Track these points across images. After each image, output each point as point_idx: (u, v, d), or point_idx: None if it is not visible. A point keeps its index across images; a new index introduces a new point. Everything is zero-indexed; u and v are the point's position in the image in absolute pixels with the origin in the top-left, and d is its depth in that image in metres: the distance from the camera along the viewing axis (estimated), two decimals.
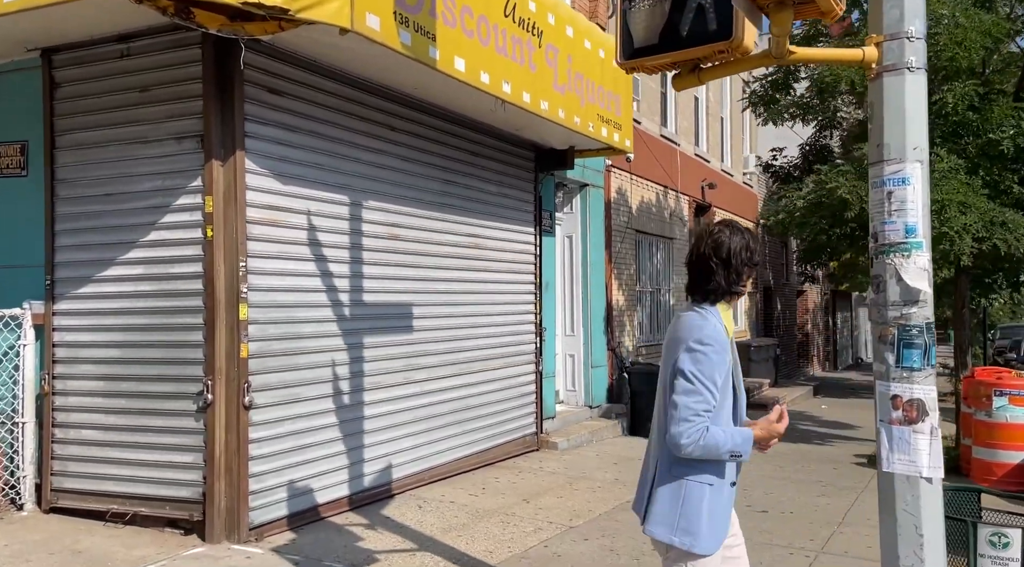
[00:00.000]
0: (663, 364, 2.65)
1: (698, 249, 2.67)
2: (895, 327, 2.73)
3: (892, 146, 2.77)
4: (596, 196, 10.51)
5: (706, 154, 15.25)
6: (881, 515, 2.80)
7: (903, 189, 2.74)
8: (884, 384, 2.76)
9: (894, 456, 2.72)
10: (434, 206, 7.08)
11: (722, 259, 2.60)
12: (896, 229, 2.74)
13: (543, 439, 8.69)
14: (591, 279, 10.27)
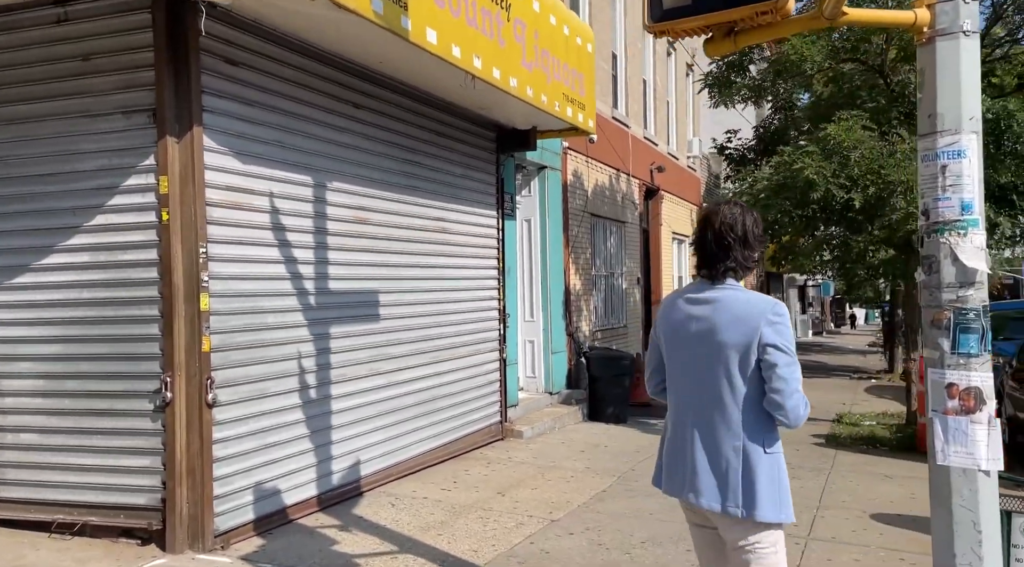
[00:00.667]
0: (706, 346, 2.57)
1: (713, 227, 2.64)
2: (951, 311, 2.57)
3: (946, 116, 2.60)
4: (554, 179, 10.28)
5: (654, 137, 15.19)
6: (934, 510, 2.65)
7: (958, 163, 2.57)
8: (938, 372, 2.60)
9: (950, 448, 2.57)
10: (400, 188, 6.72)
11: (739, 236, 2.60)
12: (951, 206, 2.58)
13: (508, 428, 8.46)
14: (550, 263, 10.06)
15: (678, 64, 17.41)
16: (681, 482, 2.66)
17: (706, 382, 2.57)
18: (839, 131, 7.91)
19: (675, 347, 2.68)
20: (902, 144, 7.93)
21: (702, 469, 2.57)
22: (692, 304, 2.66)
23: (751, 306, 2.54)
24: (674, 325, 2.69)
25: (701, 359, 2.58)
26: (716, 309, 2.58)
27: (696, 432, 2.60)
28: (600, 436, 8.97)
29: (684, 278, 17.79)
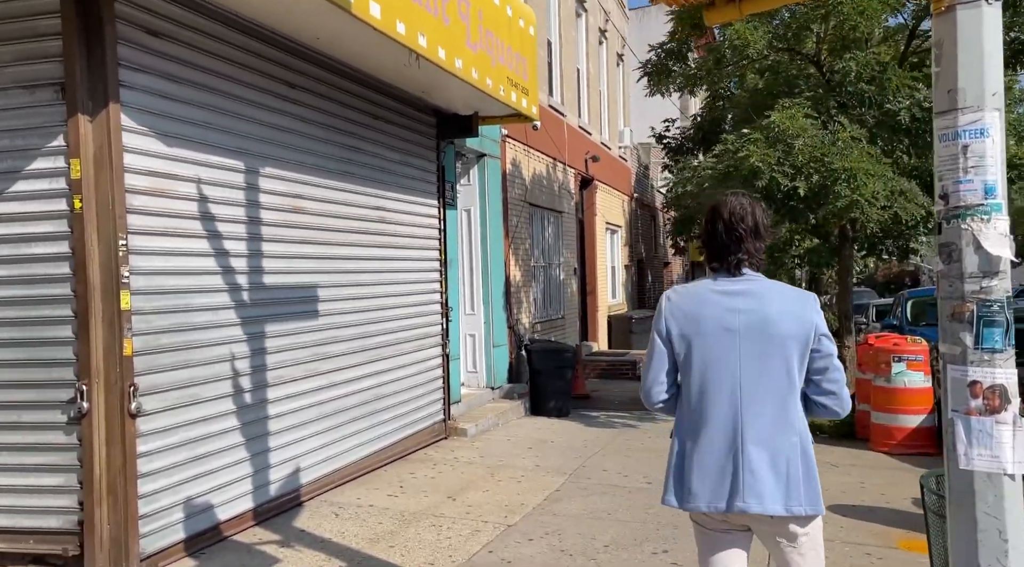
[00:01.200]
0: (761, 338, 2.47)
1: (723, 218, 2.57)
2: (973, 302, 2.39)
3: (968, 92, 2.40)
4: (493, 167, 9.96)
5: (588, 127, 15.04)
6: (953, 518, 2.47)
7: (981, 142, 2.38)
8: (959, 369, 2.41)
9: (973, 451, 2.38)
10: (337, 175, 6.29)
11: (750, 227, 2.55)
12: (974, 189, 2.39)
13: (451, 426, 8.13)
14: (491, 254, 9.75)
15: (609, 54, 17.30)
16: (725, 491, 2.46)
17: (760, 377, 2.45)
18: (783, 119, 7.85)
19: (713, 343, 2.49)
20: (843, 132, 7.93)
21: (760, 471, 2.42)
22: (730, 297, 2.51)
23: (797, 296, 2.53)
24: (710, 320, 2.50)
25: (754, 353, 2.46)
26: (763, 301, 2.49)
27: (747, 432, 2.45)
28: (545, 431, 8.74)
29: (617, 269, 17.76)
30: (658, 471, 7.04)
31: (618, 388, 12.75)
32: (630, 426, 9.24)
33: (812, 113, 8.18)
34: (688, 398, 2.54)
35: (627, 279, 18.74)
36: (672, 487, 2.57)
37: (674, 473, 2.56)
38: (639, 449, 7.85)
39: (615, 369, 13.70)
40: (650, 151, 21.57)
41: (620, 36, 18.46)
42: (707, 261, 2.65)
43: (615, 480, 6.58)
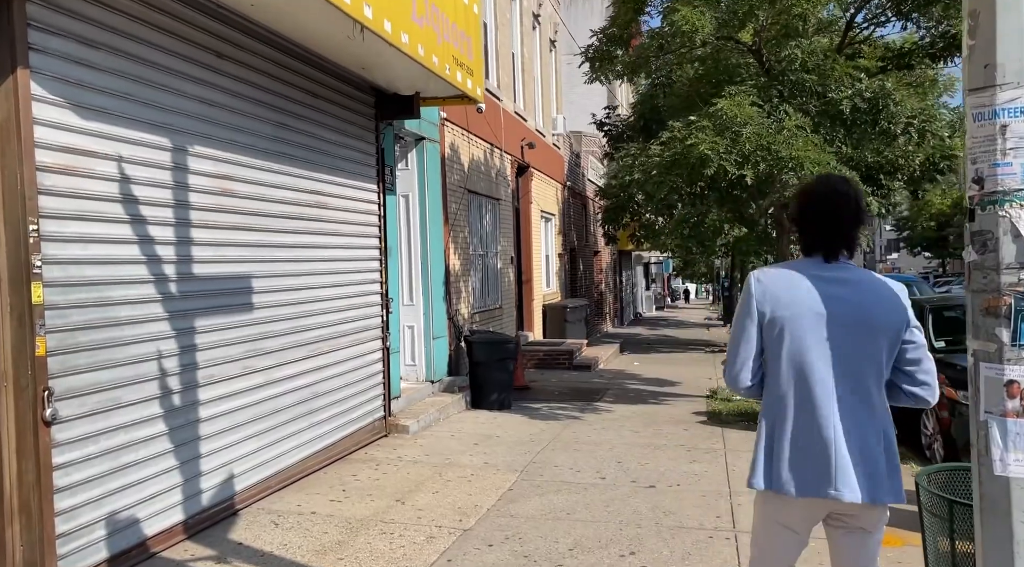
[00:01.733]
0: (857, 328, 2.45)
1: (843, 203, 2.54)
2: (1010, 295, 2.20)
3: (1007, 67, 2.20)
4: (432, 151, 9.57)
5: (524, 113, 14.76)
6: (983, 525, 2.29)
7: (1021, 121, 2.19)
8: (995, 367, 2.22)
9: (1010, 456, 2.20)
10: (270, 156, 5.82)
11: (856, 214, 2.55)
12: (1012, 173, 2.19)
13: (392, 422, 7.75)
14: (430, 242, 9.38)
15: (543, 39, 17.05)
16: (818, 478, 2.44)
17: (853, 365, 2.44)
18: (730, 106, 7.74)
19: (808, 329, 2.45)
20: (789, 121, 7.88)
21: (855, 461, 2.42)
22: (827, 283, 2.48)
23: (890, 287, 2.50)
24: (806, 305, 2.46)
25: (848, 341, 2.44)
26: (860, 290, 2.47)
27: (842, 421, 2.43)
28: (490, 425, 8.45)
29: (551, 257, 17.60)
30: (609, 465, 6.88)
31: (556, 378, 12.59)
32: (575, 418, 9.06)
33: (758, 101, 8.11)
34: (778, 382, 2.49)
35: (561, 268, 18.60)
36: (761, 470, 2.52)
37: (764, 456, 2.52)
38: (587, 443, 7.65)
39: (552, 359, 13.53)
40: (582, 140, 21.48)
41: (553, 22, 18.23)
42: (803, 247, 2.61)
43: (568, 476, 6.35)
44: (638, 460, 6.94)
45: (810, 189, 2.59)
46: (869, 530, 2.51)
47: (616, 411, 9.60)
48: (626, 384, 12.21)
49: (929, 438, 7.23)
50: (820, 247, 2.53)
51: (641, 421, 8.91)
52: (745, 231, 16.67)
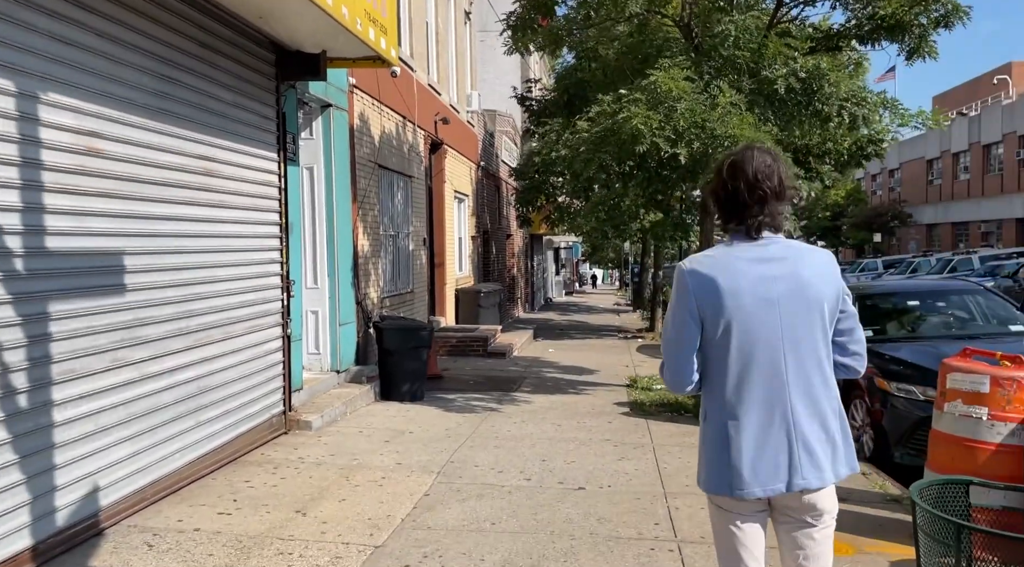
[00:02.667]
0: (800, 304, 2.33)
1: (747, 176, 2.35)
2: None
3: None
4: (340, 120, 8.76)
5: (438, 86, 14.01)
6: None
7: None
8: None
9: None
10: (151, 112, 4.96)
11: (774, 187, 2.35)
12: None
13: (292, 418, 6.99)
14: (337, 220, 8.59)
15: (457, 10, 16.31)
16: (782, 471, 2.29)
17: (804, 344, 2.33)
18: (665, 79, 7.29)
19: (754, 317, 2.29)
20: (723, 97, 7.49)
21: (814, 443, 2.30)
22: (762, 263, 2.32)
23: (822, 256, 2.41)
24: (748, 293, 2.29)
25: (797, 320, 2.32)
26: (796, 264, 2.34)
27: (796, 405, 2.31)
28: (401, 420, 7.80)
29: (464, 240, 16.96)
30: (533, 464, 6.35)
31: (470, 366, 12.01)
32: (492, 410, 8.50)
33: (692, 75, 7.69)
34: (725, 377, 2.32)
35: (474, 251, 17.99)
36: (717, 474, 2.33)
37: (718, 460, 2.33)
38: (508, 438, 7.11)
39: (465, 346, 12.95)
40: (496, 119, 20.87)
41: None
42: (723, 222, 2.44)
43: (490, 478, 5.79)
44: (564, 457, 6.44)
45: (730, 163, 2.39)
46: (815, 520, 2.37)
47: (535, 402, 9.10)
48: (543, 372, 11.75)
49: (858, 430, 7.02)
50: (742, 222, 2.35)
51: (562, 413, 8.44)
52: (661, 216, 16.49)
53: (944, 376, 4.56)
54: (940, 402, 4.58)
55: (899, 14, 8.66)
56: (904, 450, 6.40)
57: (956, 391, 4.44)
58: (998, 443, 4.25)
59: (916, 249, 47.21)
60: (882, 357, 6.90)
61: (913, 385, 6.50)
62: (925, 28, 8.80)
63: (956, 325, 7.97)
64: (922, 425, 6.37)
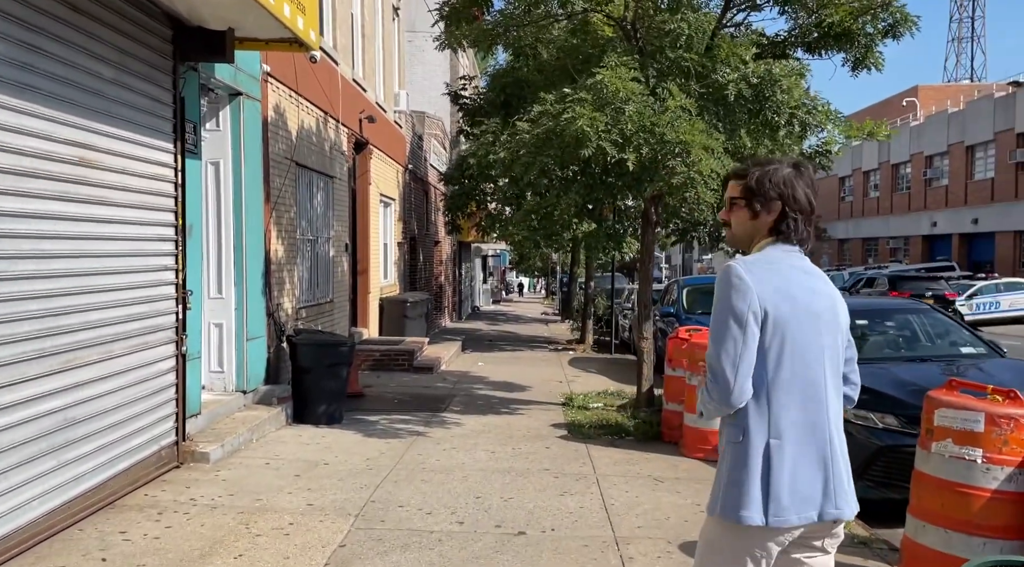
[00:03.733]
0: (834, 326, 2.27)
1: (804, 189, 2.32)
2: None
3: None
4: (252, 111, 7.87)
5: (363, 82, 13.17)
6: None
7: None
8: None
9: None
10: (7, 87, 4.05)
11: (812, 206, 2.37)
12: None
13: (187, 449, 6.08)
14: (247, 222, 7.69)
15: (385, 5, 15.48)
16: (817, 497, 2.17)
17: (835, 366, 2.27)
18: (612, 78, 6.70)
19: (805, 324, 2.20)
20: (673, 101, 6.96)
21: (845, 469, 2.22)
22: (808, 276, 2.29)
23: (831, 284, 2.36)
24: (801, 301, 2.21)
25: (833, 339, 2.26)
26: (828, 283, 2.32)
27: (834, 426, 2.22)
28: (315, 448, 6.96)
29: (390, 246, 16.11)
30: (466, 503, 5.56)
31: (395, 382, 11.19)
32: (419, 434, 7.74)
33: (640, 76, 7.14)
34: (773, 391, 2.18)
35: (400, 258, 17.15)
36: (754, 499, 2.14)
37: (755, 483, 2.15)
38: (437, 469, 6.37)
39: (390, 360, 12.13)
40: (424, 121, 20.09)
41: None
42: (786, 233, 2.30)
43: (417, 521, 5.04)
44: (500, 493, 5.74)
45: (799, 167, 2.34)
46: (828, 550, 2.29)
47: (466, 424, 8.38)
48: (473, 389, 11.04)
49: None
50: (805, 234, 2.31)
51: (496, 437, 7.75)
52: (594, 226, 16.03)
53: (931, 411, 4.06)
54: (926, 441, 4.08)
55: (846, 22, 8.35)
56: (864, 483, 5.95)
57: (946, 429, 3.94)
58: (994, 489, 3.77)
59: (828, 263, 48.69)
60: None
61: (870, 412, 6.07)
62: (872, 37, 8.51)
63: (905, 346, 7.64)
64: (881, 455, 5.97)
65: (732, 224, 2.38)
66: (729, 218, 2.38)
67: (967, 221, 38.16)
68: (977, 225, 37.48)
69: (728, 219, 2.39)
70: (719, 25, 8.45)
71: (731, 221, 2.37)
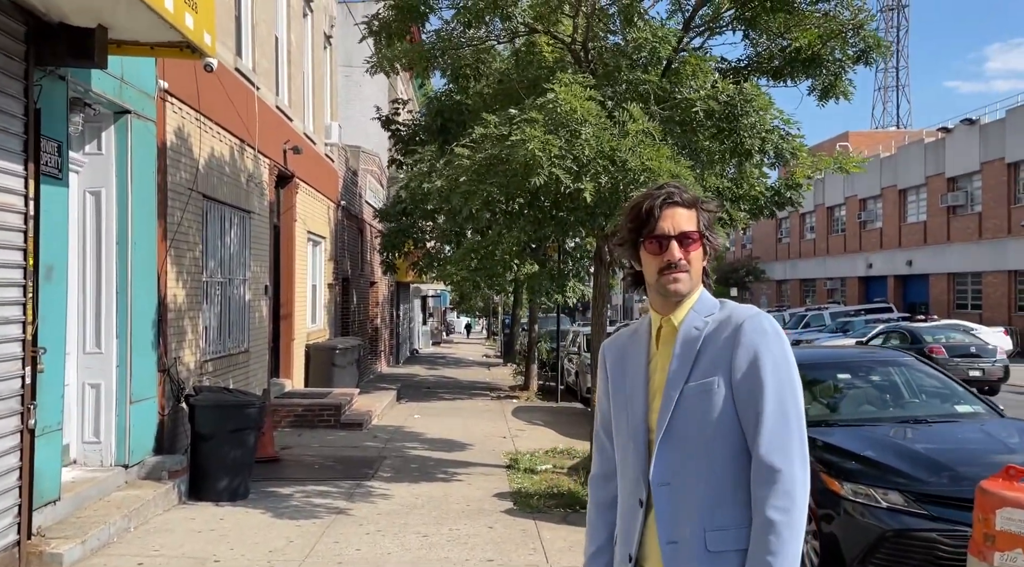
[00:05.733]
0: None
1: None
2: None
3: None
4: (144, 133, 6.71)
5: (289, 110, 12.08)
6: None
7: None
8: None
9: None
10: None
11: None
12: None
13: (34, 549, 4.79)
14: (134, 262, 6.47)
15: (316, 32, 14.49)
16: None
17: None
18: (567, 96, 5.79)
19: None
20: (634, 124, 6.08)
21: None
22: None
23: None
24: None
25: None
26: None
27: None
28: (209, 535, 5.71)
29: (319, 288, 14.87)
30: None
31: (319, 442, 9.93)
32: (339, 512, 6.55)
33: (596, 96, 6.26)
34: None
35: (331, 300, 15.89)
36: None
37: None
38: (358, 562, 5.20)
39: (314, 415, 10.85)
40: (360, 156, 19.02)
41: (329, 14, 15.74)
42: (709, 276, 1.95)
43: None
44: None
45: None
46: None
47: (396, 496, 7.22)
48: (407, 448, 9.85)
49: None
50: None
51: (430, 514, 6.61)
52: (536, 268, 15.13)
53: (988, 511, 3.14)
54: (983, 549, 3.16)
55: (815, 46, 7.68)
56: None
57: (1015, 537, 3.02)
58: None
59: (767, 304, 48.96)
60: (832, 449, 5.55)
61: (871, 487, 5.15)
62: (842, 64, 7.87)
63: (893, 404, 6.80)
64: (887, 542, 5.04)
65: (691, 265, 1.86)
66: (688, 258, 1.85)
67: (902, 263, 38.70)
68: (912, 267, 38.01)
69: (687, 259, 1.85)
70: (676, 49, 7.69)
71: (690, 261, 1.86)
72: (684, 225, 1.84)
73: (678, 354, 1.83)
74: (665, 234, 1.82)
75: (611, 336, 2.12)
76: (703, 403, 1.77)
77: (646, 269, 1.89)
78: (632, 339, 1.99)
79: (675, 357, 1.83)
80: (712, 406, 1.76)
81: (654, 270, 1.86)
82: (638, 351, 1.93)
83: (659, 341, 1.91)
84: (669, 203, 1.84)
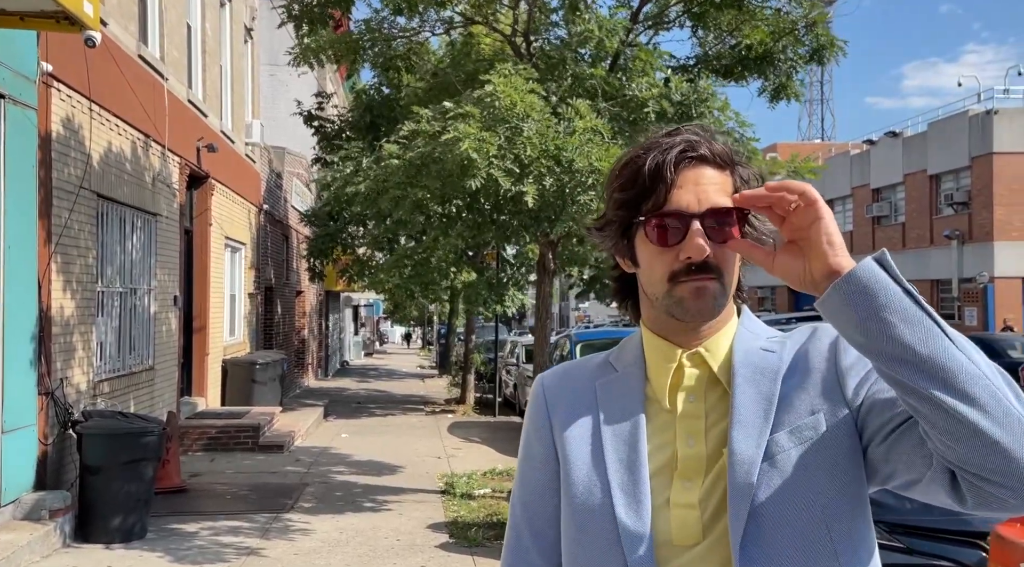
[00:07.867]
0: None
1: None
2: None
3: None
4: (21, 122, 5.83)
5: (203, 105, 11.17)
6: None
7: None
8: None
9: None
10: None
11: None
12: None
13: None
14: (7, 270, 5.58)
15: (235, 23, 13.57)
16: None
17: None
18: (506, 88, 5.21)
19: None
20: (581, 121, 5.53)
21: None
22: None
23: None
24: None
25: None
26: None
27: None
28: None
29: (239, 298, 13.91)
30: None
31: (233, 467, 9.05)
32: (250, 552, 5.80)
33: (539, 89, 5.69)
34: None
35: (252, 311, 14.92)
36: None
37: None
38: None
39: (230, 438, 9.97)
40: (284, 157, 18.08)
41: (249, 5, 14.84)
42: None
43: None
44: None
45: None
46: None
47: (317, 530, 6.49)
48: (331, 473, 9.08)
49: None
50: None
51: (355, 552, 5.92)
52: (474, 276, 14.52)
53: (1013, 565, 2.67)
54: None
55: (766, 43, 7.31)
56: None
57: None
58: None
59: None
60: None
61: None
62: (795, 63, 7.52)
63: None
64: None
65: (725, 266, 1.12)
66: (723, 253, 1.11)
67: None
68: None
69: (719, 255, 1.10)
70: (624, 43, 7.21)
71: (724, 259, 1.12)
72: (715, 197, 1.09)
73: (742, 393, 1.11)
74: (684, 211, 1.08)
75: (557, 369, 1.30)
76: (807, 458, 1.07)
77: (646, 269, 1.15)
78: (608, 384, 1.20)
79: (738, 402, 1.10)
80: (822, 457, 1.06)
81: (663, 272, 1.11)
82: (625, 406, 1.17)
83: (676, 391, 1.14)
84: (691, 157, 1.10)
